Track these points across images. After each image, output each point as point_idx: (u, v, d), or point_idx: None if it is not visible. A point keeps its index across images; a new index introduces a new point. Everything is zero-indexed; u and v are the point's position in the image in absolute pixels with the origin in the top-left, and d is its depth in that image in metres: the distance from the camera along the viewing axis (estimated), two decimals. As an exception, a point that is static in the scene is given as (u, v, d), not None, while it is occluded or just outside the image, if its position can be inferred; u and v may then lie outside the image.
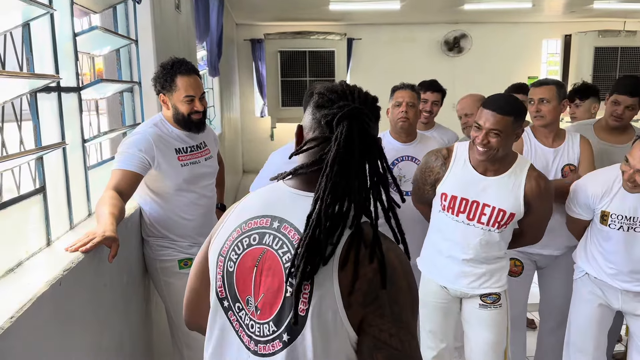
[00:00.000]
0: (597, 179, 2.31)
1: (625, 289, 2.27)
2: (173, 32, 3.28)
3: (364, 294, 0.95)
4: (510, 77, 7.92)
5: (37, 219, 1.76)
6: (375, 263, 0.95)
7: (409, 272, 1.00)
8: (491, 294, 2.22)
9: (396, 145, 2.70)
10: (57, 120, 1.89)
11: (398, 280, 0.97)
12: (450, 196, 2.18)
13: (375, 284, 0.95)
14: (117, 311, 2.01)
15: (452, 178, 2.21)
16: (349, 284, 0.95)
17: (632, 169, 2.11)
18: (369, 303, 0.95)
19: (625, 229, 2.21)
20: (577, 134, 2.65)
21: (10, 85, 1.56)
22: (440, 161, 2.24)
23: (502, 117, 2.02)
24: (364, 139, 0.98)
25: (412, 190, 2.46)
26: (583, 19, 8.47)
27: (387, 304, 0.95)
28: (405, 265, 0.99)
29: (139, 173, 2.13)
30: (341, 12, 7.53)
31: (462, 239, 2.18)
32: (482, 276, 2.20)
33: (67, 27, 2.04)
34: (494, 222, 2.13)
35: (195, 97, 2.24)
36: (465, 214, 2.16)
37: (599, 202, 2.26)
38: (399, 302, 0.96)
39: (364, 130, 0.99)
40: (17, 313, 1.23)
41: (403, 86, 2.73)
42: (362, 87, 1.07)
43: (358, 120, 0.99)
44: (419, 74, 3.79)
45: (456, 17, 8.27)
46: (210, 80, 5.94)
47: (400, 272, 0.97)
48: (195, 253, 2.35)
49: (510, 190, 2.13)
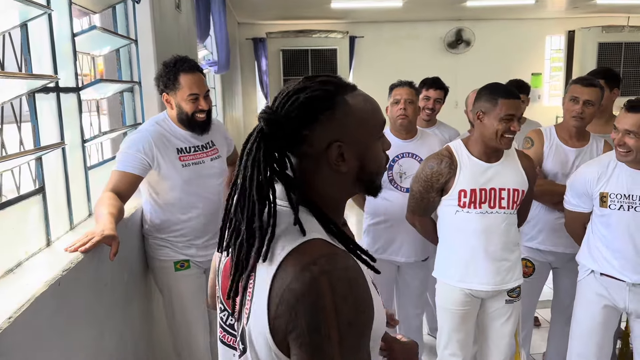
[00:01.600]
0: (592, 165, 2.37)
1: (634, 282, 2.23)
2: (173, 31, 3.28)
3: (285, 321, 0.84)
4: (513, 74, 7.87)
5: (37, 219, 1.76)
6: (299, 286, 0.84)
7: (344, 296, 0.84)
8: (516, 287, 2.30)
9: (397, 142, 2.69)
10: (56, 121, 1.89)
11: (323, 308, 0.83)
12: (469, 190, 2.20)
13: (295, 311, 0.84)
14: (118, 310, 2.01)
15: (464, 174, 2.22)
16: (274, 307, 0.86)
17: (620, 131, 2.17)
18: (290, 330, 0.84)
19: (625, 207, 2.22)
20: (602, 138, 2.65)
21: (8, 86, 1.56)
22: (446, 163, 2.24)
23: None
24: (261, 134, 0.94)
25: (412, 204, 2.38)
26: (586, 14, 8.42)
27: (306, 332, 0.83)
28: (341, 289, 0.84)
29: (138, 175, 2.13)
30: (343, 10, 7.52)
31: (489, 229, 2.21)
32: (511, 269, 2.26)
33: (65, 27, 2.04)
34: (512, 203, 2.23)
35: (199, 95, 2.20)
36: (487, 203, 2.21)
37: (596, 184, 2.28)
38: (321, 332, 0.82)
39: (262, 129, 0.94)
40: (16, 313, 1.23)
41: (401, 83, 2.71)
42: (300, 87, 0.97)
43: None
44: (421, 71, 3.77)
45: (459, 13, 8.24)
46: (213, 79, 5.95)
47: (328, 300, 0.83)
48: (192, 254, 2.34)
49: (514, 170, 2.25)
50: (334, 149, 0.93)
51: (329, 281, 0.83)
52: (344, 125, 0.94)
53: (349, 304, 0.83)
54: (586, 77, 2.67)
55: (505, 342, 2.33)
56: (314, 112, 0.93)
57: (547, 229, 2.66)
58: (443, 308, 2.34)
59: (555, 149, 2.65)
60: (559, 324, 2.84)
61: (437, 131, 3.27)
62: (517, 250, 2.30)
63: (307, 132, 0.93)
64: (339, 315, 0.82)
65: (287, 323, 0.84)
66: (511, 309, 2.31)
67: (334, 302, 0.82)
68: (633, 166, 2.23)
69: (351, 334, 0.83)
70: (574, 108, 2.56)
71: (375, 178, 1.00)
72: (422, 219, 2.40)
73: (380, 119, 1.00)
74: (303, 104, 0.93)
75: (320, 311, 0.82)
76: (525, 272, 2.74)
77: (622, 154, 2.19)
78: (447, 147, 2.30)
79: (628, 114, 2.16)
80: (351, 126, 0.94)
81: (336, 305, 0.82)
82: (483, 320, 2.36)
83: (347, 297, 0.83)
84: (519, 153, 2.30)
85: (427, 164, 2.29)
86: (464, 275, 2.26)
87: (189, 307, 2.35)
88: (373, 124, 0.98)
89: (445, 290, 2.33)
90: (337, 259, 0.87)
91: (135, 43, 2.74)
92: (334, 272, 0.85)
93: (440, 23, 8.79)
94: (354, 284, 0.86)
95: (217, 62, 5.03)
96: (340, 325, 0.82)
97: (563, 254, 2.66)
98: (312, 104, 0.93)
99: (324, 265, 0.85)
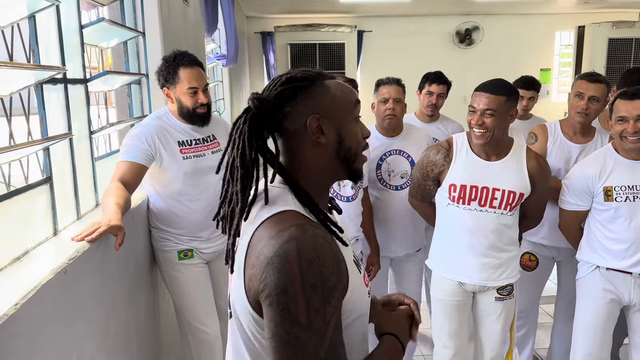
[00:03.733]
0: (590, 162, 2.35)
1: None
2: (181, 24, 3.29)
3: (257, 282, 0.93)
4: (522, 69, 7.85)
5: (44, 208, 1.78)
6: (269, 249, 0.93)
7: (310, 261, 0.91)
8: (507, 285, 2.28)
9: (383, 140, 2.71)
10: (63, 112, 1.91)
11: (290, 270, 0.90)
12: (459, 186, 2.20)
13: (265, 272, 0.92)
14: (124, 300, 2.04)
15: (458, 168, 2.22)
16: (249, 269, 0.97)
17: (631, 119, 2.15)
18: (260, 290, 0.93)
19: (631, 198, 2.23)
20: (608, 134, 2.63)
21: (16, 77, 1.58)
22: (442, 154, 2.25)
23: (494, 96, 2.09)
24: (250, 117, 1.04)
25: (411, 188, 2.44)
26: (597, 10, 8.34)
27: (274, 292, 0.90)
28: (307, 254, 0.91)
29: (143, 164, 2.16)
30: (351, 4, 7.50)
31: (477, 227, 2.20)
32: (500, 267, 2.24)
33: (73, 19, 2.06)
34: (506, 205, 2.18)
35: (198, 89, 2.24)
36: (476, 201, 2.19)
37: (597, 180, 2.27)
38: (288, 292, 0.89)
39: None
40: (22, 300, 1.25)
41: (388, 81, 2.69)
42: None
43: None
44: (429, 66, 3.75)
45: (467, 8, 8.19)
46: (221, 73, 5.96)
47: (294, 263, 0.90)
48: (196, 247, 2.37)
49: (515, 171, 2.19)
50: (312, 120, 1.03)
51: (296, 246, 0.91)
52: (321, 100, 1.05)
53: (314, 269, 0.91)
54: (592, 73, 2.66)
55: (496, 339, 2.33)
56: (294, 89, 1.04)
57: (550, 224, 2.66)
58: (435, 298, 2.36)
59: (559, 145, 2.64)
60: (563, 320, 2.84)
61: (440, 126, 3.26)
62: (512, 250, 2.28)
63: (288, 109, 1.03)
64: (304, 277, 0.90)
65: (259, 284, 0.92)
66: (502, 307, 2.30)
67: (299, 265, 0.90)
68: (630, 157, 2.24)
69: (315, 295, 0.90)
70: (579, 104, 2.56)
71: (353, 157, 1.09)
72: (420, 203, 2.44)
73: (354, 98, 1.10)
74: (284, 83, 1.04)
75: (287, 273, 0.90)
76: (529, 265, 2.74)
77: (634, 141, 2.18)
78: (449, 139, 2.31)
79: (632, 101, 2.16)
80: (328, 102, 1.05)
81: (301, 268, 0.90)
82: (476, 316, 2.37)
83: (312, 261, 0.91)
84: (530, 154, 2.24)
85: (426, 152, 2.32)
86: (451, 267, 2.28)
87: (193, 293, 2.38)
88: (348, 101, 1.09)
89: (436, 280, 2.35)
90: (306, 227, 0.95)
91: (143, 36, 2.75)
92: (302, 239, 0.92)
93: (449, 17, 8.74)
94: (320, 251, 0.92)
95: (226, 55, 5.04)
96: (304, 286, 0.89)
97: (566, 249, 2.65)
98: (292, 82, 1.04)
99: (294, 233, 0.93)
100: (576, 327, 2.45)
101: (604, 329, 2.35)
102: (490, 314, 2.31)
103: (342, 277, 0.95)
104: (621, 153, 2.28)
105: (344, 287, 0.96)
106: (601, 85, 2.54)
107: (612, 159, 2.28)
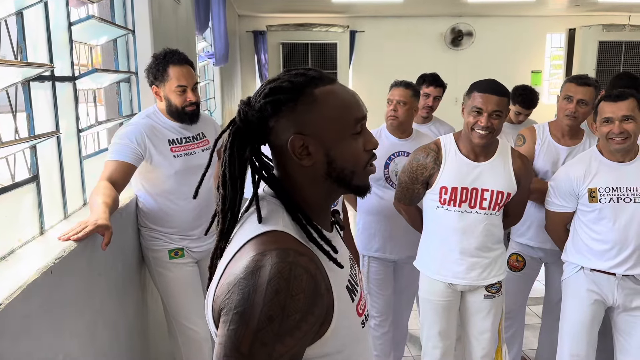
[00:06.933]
0: (575, 164, 2.37)
1: (632, 274, 2.24)
2: (172, 22, 3.27)
3: (221, 300, 0.86)
4: (513, 71, 7.90)
5: (31, 207, 1.76)
6: (241, 270, 0.86)
7: (277, 290, 0.82)
8: (495, 283, 2.29)
9: (393, 140, 2.71)
10: (51, 110, 1.90)
11: (253, 295, 0.82)
12: (450, 188, 2.20)
13: (231, 291, 0.85)
14: (112, 300, 2.02)
15: (448, 170, 2.22)
16: (220, 286, 0.90)
17: (617, 120, 2.17)
18: (222, 308, 0.86)
19: (615, 200, 2.24)
20: (596, 136, 2.64)
21: (2, 74, 1.56)
22: (432, 157, 2.25)
23: (501, 98, 2.11)
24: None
25: (398, 193, 2.41)
26: (587, 12, 8.41)
27: (232, 312, 0.83)
28: (277, 283, 0.82)
29: (132, 164, 2.14)
30: (344, 4, 7.50)
31: (468, 229, 2.21)
32: (489, 266, 2.25)
33: (62, 16, 2.04)
34: (494, 205, 2.20)
35: (187, 88, 2.22)
36: (467, 203, 2.20)
37: (582, 182, 2.29)
38: (243, 316, 0.82)
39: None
40: (7, 300, 1.24)
41: (396, 84, 2.73)
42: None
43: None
44: (421, 67, 3.76)
45: (460, 10, 8.23)
46: (212, 72, 5.93)
47: (261, 288, 0.82)
48: (186, 246, 2.36)
49: (503, 172, 2.21)
50: (294, 140, 0.93)
51: (269, 272, 0.83)
52: (306, 118, 0.93)
53: (278, 299, 0.82)
54: (581, 76, 2.66)
55: (486, 336, 2.33)
56: (278, 103, 0.93)
57: (536, 226, 2.67)
58: (424, 299, 2.36)
59: (546, 147, 2.65)
60: (550, 320, 2.85)
61: (432, 127, 3.26)
62: (499, 248, 2.29)
63: (272, 124, 0.94)
64: (264, 306, 0.81)
65: (222, 301, 0.85)
66: (490, 304, 2.31)
67: (265, 292, 0.82)
68: (615, 159, 2.26)
69: (269, 329, 0.81)
70: (567, 107, 2.57)
71: (349, 175, 0.97)
72: (408, 207, 2.43)
73: (354, 114, 0.96)
74: (267, 95, 0.94)
75: (248, 297, 0.82)
76: (516, 266, 2.75)
77: (620, 142, 2.19)
78: (437, 141, 2.31)
79: (617, 102, 2.18)
80: (315, 119, 0.93)
81: (265, 295, 0.81)
82: (464, 315, 2.37)
83: (279, 292, 0.82)
84: (514, 153, 2.27)
85: (415, 155, 2.31)
86: (440, 268, 2.29)
87: (183, 292, 2.36)
88: (345, 119, 0.95)
89: (425, 281, 2.35)
90: (289, 253, 0.86)
91: (133, 33, 2.73)
92: (278, 265, 0.84)
93: (441, 19, 8.77)
94: (293, 282, 0.83)
95: (215, 54, 5.01)
96: (260, 315, 0.81)
97: (552, 250, 2.66)
98: (276, 95, 0.93)
99: (272, 258, 0.85)
100: (562, 328, 2.46)
101: (589, 329, 2.36)
102: (479, 312, 2.32)
103: (312, 314, 0.85)
104: (606, 155, 2.29)
105: (314, 325, 0.86)
106: (590, 88, 2.55)
107: (597, 160, 2.30)
